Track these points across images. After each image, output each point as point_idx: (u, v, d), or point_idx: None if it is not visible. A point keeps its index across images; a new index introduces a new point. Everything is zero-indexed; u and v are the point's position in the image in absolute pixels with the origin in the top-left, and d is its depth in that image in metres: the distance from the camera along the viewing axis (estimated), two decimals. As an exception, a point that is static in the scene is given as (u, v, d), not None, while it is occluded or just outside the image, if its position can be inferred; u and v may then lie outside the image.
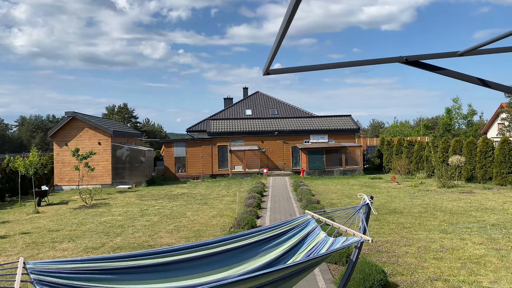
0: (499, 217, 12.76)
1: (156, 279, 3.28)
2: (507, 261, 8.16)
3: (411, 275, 7.45)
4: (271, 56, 2.10)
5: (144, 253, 3.28)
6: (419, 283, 7.00)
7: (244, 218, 12.36)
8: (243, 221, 12.19)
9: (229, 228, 12.23)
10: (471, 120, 42.66)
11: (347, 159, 29.60)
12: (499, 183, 20.79)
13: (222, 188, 23.33)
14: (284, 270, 3.34)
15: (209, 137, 29.71)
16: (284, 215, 14.32)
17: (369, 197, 4.17)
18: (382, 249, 9.36)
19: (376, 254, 9.02)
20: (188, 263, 3.51)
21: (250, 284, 3.19)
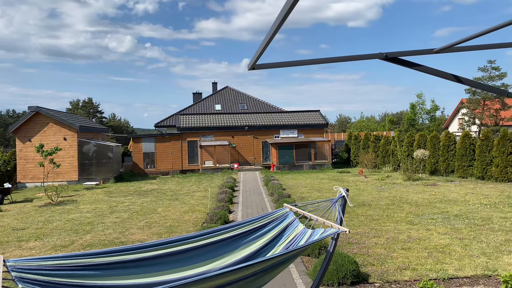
0: (461, 208, 13.35)
1: (139, 274, 3.26)
2: (470, 250, 8.58)
3: (381, 265, 7.71)
4: (259, 51, 2.13)
5: (126, 248, 3.25)
6: (389, 273, 7.25)
7: (216, 213, 12.37)
8: (216, 216, 12.20)
9: (202, 224, 12.20)
10: (434, 115, 44.26)
11: (316, 153, 30.06)
12: (460, 176, 21.72)
13: (193, 183, 23.19)
14: (265, 263, 3.40)
15: (178, 132, 29.40)
16: (256, 209, 14.42)
17: (345, 190, 4.29)
18: (353, 241, 9.62)
19: (347, 245, 9.26)
20: (170, 257, 3.51)
21: (232, 277, 3.23)
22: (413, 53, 2.66)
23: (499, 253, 8.28)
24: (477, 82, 2.65)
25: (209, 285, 3.10)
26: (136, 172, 28.55)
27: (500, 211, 12.70)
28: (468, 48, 2.66)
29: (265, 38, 1.91)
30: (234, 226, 4.09)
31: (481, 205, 13.69)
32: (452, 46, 2.53)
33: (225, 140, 29.70)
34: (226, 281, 3.22)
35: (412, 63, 2.68)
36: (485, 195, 15.78)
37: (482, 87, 2.68)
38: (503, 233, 9.95)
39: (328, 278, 6.60)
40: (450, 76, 2.71)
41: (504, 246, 8.77)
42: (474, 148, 21.32)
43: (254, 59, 2.28)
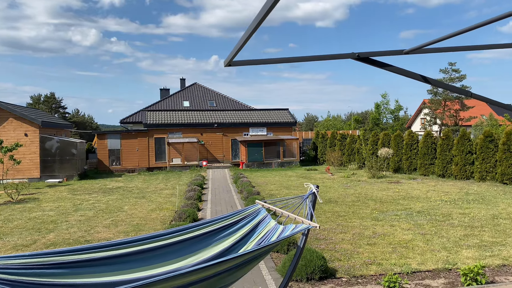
0: (423, 204, 13.86)
1: (108, 272, 3.21)
2: (431, 245, 8.93)
3: (348, 260, 7.90)
4: (237, 49, 2.14)
5: (95, 246, 3.19)
6: (355, 268, 7.44)
7: (185, 211, 12.27)
8: (184, 214, 12.10)
9: (170, 221, 12.07)
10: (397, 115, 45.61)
11: (285, 151, 30.33)
12: (422, 174, 22.52)
13: (160, 181, 22.88)
14: (237, 259, 3.42)
15: (145, 129, 28.88)
16: (225, 207, 14.41)
17: (315, 186, 4.37)
18: (320, 237, 9.80)
19: (315, 241, 9.42)
20: (140, 255, 3.47)
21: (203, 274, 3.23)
22: (384, 53, 2.74)
23: (458, 248, 8.66)
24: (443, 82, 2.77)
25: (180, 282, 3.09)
26: (101, 170, 27.85)
27: (459, 207, 13.27)
28: (436, 50, 2.77)
29: (244, 35, 1.93)
30: (206, 223, 4.09)
31: (441, 202, 14.25)
32: (421, 47, 2.63)
33: (194, 137, 29.45)
34: (197, 278, 3.22)
35: (383, 64, 2.77)
36: (446, 192, 16.44)
37: (447, 87, 2.80)
38: (462, 228, 10.41)
39: (297, 273, 6.70)
40: (418, 77, 2.82)
41: (463, 241, 9.19)
42: (435, 147, 22.14)
43: (231, 56, 2.29)
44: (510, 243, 8.98)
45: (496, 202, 14.14)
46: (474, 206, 13.34)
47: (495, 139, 19.43)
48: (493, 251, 8.38)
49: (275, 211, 4.20)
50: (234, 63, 2.51)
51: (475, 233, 9.92)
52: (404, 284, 6.46)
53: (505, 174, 18.37)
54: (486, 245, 8.80)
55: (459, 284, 6.57)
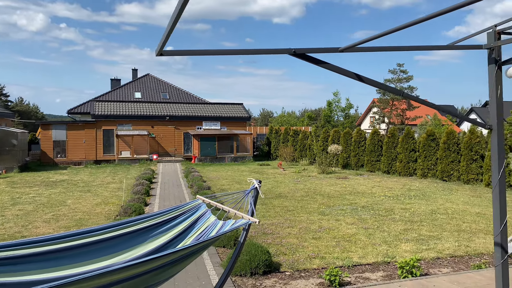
0: (368, 199, 14.36)
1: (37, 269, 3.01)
2: (373, 239, 9.26)
3: (292, 255, 8.01)
4: (165, 37, 2.06)
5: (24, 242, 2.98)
6: (299, 261, 7.56)
7: (131, 205, 11.94)
8: (130, 208, 11.77)
9: (115, 216, 11.70)
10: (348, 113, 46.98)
11: (238, 146, 30.34)
12: (369, 170, 23.35)
13: (108, 174, 22.13)
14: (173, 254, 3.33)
15: (93, 120, 27.80)
16: (174, 201, 14.17)
17: (258, 181, 4.36)
18: (268, 231, 9.87)
19: (262, 236, 9.48)
20: (73, 250, 3.29)
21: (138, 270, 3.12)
22: (320, 50, 2.75)
23: (398, 241, 9.04)
24: (376, 81, 2.83)
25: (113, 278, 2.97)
26: (44, 162, 26.49)
27: (401, 203, 13.88)
28: (370, 49, 2.81)
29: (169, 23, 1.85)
30: (144, 218, 3.96)
31: (385, 197, 14.84)
32: (356, 45, 2.65)
33: (144, 130, 28.73)
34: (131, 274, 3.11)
35: (318, 61, 2.77)
36: (389, 188, 17.14)
37: (381, 86, 2.86)
38: (403, 223, 10.88)
39: (241, 268, 6.70)
40: (353, 75, 2.85)
41: (402, 235, 9.60)
42: (381, 145, 23.02)
43: (161, 45, 2.20)
44: (445, 236, 9.50)
45: (435, 198, 14.92)
46: (415, 202, 14.00)
47: (436, 138, 20.48)
48: (429, 244, 8.82)
49: (216, 206, 4.14)
50: (166, 53, 2.42)
51: (414, 227, 10.40)
52: (344, 277, 6.64)
53: (445, 172, 19.44)
54: (424, 239, 9.25)
55: (396, 276, 6.84)
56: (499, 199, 3.07)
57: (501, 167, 3.01)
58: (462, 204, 13.63)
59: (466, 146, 18.72)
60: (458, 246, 8.69)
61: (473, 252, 8.25)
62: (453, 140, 19.44)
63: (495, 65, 3.15)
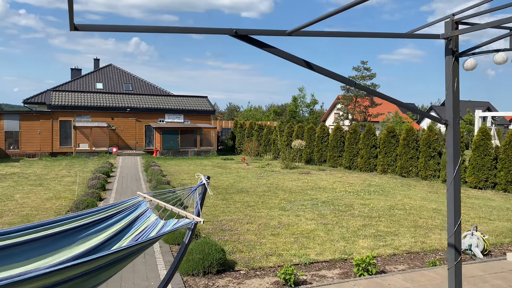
0: (329, 195, 14.36)
1: None
2: (331, 235, 9.17)
3: (249, 252, 7.78)
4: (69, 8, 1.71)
5: None
6: (255, 259, 7.34)
7: (83, 200, 11.35)
8: (83, 203, 11.18)
9: (66, 212, 11.08)
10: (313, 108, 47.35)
11: (202, 140, 29.85)
12: (331, 165, 23.51)
13: (63, 167, 21.14)
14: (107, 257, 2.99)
15: (49, 111, 26.50)
16: (130, 196, 13.62)
17: (206, 177, 4.07)
18: (226, 228, 9.60)
19: (220, 232, 9.20)
20: None
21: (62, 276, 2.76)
22: (265, 32, 2.48)
23: (356, 238, 9.00)
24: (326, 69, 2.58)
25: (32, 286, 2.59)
26: (-6, 153, 25.03)
27: (361, 198, 13.96)
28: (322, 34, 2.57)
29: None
30: (77, 217, 3.58)
31: (346, 193, 14.89)
32: (303, 27, 2.40)
33: (104, 122, 27.69)
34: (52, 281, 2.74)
35: (263, 44, 2.50)
36: (350, 184, 17.26)
37: (331, 75, 2.63)
38: (361, 218, 10.89)
39: (193, 267, 6.39)
40: (301, 62, 2.61)
41: (360, 231, 9.58)
42: (344, 141, 23.22)
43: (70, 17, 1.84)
44: (402, 232, 9.56)
45: (394, 193, 15.12)
46: (374, 197, 14.12)
47: (397, 135, 20.85)
48: (386, 241, 8.83)
49: (158, 204, 3.82)
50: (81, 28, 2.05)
51: (372, 223, 10.42)
52: (300, 275, 6.47)
53: (404, 168, 19.82)
54: (381, 235, 9.26)
55: (353, 274, 6.75)
56: (453, 198, 2.92)
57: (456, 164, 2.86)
58: (419, 200, 13.87)
59: (425, 143, 19.14)
60: (414, 242, 8.74)
61: (429, 248, 8.31)
62: (413, 137, 19.83)
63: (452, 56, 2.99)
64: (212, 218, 10.58)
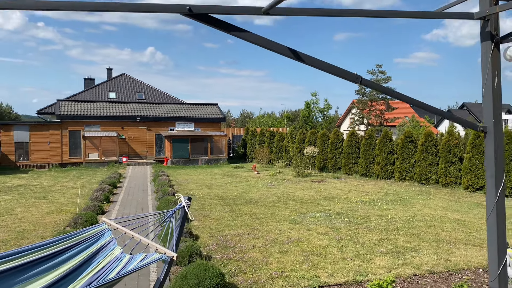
0: (343, 205, 13.53)
1: None
2: (345, 252, 8.38)
3: (253, 273, 7.05)
4: None
5: None
6: (259, 283, 6.62)
7: (83, 214, 10.79)
8: (82, 218, 10.63)
9: (64, 227, 10.54)
10: (327, 113, 46.40)
11: (212, 148, 29.27)
12: (346, 173, 22.61)
13: (71, 178, 20.77)
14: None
15: (58, 121, 26.30)
16: (135, 209, 13.06)
17: (186, 198, 3.39)
18: (230, 244, 8.90)
19: (223, 249, 8.51)
20: None
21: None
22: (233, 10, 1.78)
23: (372, 255, 8.19)
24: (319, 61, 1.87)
25: None
26: (4, 165, 24.86)
27: (378, 208, 13.10)
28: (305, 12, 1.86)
29: None
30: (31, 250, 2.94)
31: (361, 203, 14.04)
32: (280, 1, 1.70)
33: (114, 131, 27.36)
34: None
35: (230, 26, 1.81)
36: (366, 192, 16.38)
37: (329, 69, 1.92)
38: (378, 232, 10.06)
39: (188, 295, 5.70)
40: (286, 50, 1.90)
41: (377, 247, 8.76)
42: (359, 146, 22.32)
43: None
44: (423, 248, 8.71)
45: (413, 203, 14.20)
46: (392, 208, 13.24)
47: (414, 140, 19.88)
48: (406, 258, 8.00)
49: (125, 232, 3.15)
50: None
51: (390, 237, 9.59)
52: (308, 303, 5.73)
53: (423, 174, 18.83)
54: (400, 251, 8.43)
55: (368, 300, 5.97)
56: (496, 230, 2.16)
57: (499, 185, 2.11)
58: (440, 210, 12.94)
59: (445, 148, 18.14)
60: (437, 260, 7.89)
61: (454, 268, 7.45)
62: (431, 142, 18.85)
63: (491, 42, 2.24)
64: (216, 233, 9.90)
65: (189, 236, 9.11)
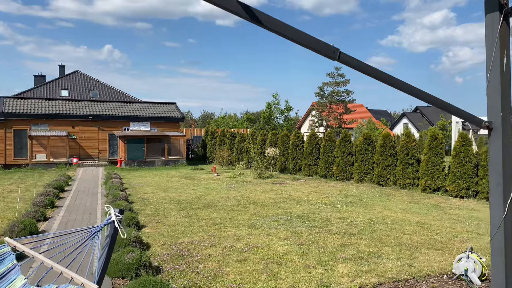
0: (304, 208, 13.15)
1: None
2: (306, 259, 7.93)
3: (208, 287, 6.43)
4: None
5: None
6: (214, 298, 6.01)
7: (20, 222, 9.72)
8: (19, 225, 9.57)
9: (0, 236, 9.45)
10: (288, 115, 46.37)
11: (170, 149, 28.26)
12: (307, 174, 22.39)
13: (14, 181, 19.21)
14: None
15: (2, 119, 24.41)
16: (81, 214, 12.05)
17: (117, 211, 2.73)
18: (184, 253, 8.22)
19: (176, 260, 7.82)
20: None
21: None
22: None
23: (334, 261, 7.79)
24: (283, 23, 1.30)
25: None
26: None
27: (338, 210, 12.82)
28: None
29: None
30: None
31: (322, 205, 13.74)
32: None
33: (63, 131, 25.75)
34: None
35: None
36: (327, 194, 16.13)
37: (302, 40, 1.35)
38: (340, 236, 9.72)
39: (131, 316, 5.01)
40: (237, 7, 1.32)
41: (339, 252, 8.38)
42: (319, 148, 22.17)
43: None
44: (386, 253, 8.42)
45: (373, 204, 14.06)
46: (353, 210, 13.01)
47: (373, 142, 19.94)
48: (369, 264, 7.65)
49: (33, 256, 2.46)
50: None
51: (352, 241, 9.26)
52: (268, 320, 5.19)
53: (381, 176, 18.88)
54: (363, 257, 8.09)
55: (332, 314, 5.51)
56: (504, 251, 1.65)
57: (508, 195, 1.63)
58: (400, 212, 12.85)
59: (403, 150, 18.27)
60: (401, 266, 7.59)
61: (418, 274, 7.17)
62: (390, 143, 18.95)
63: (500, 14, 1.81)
64: (170, 241, 9.18)
65: (139, 245, 8.35)
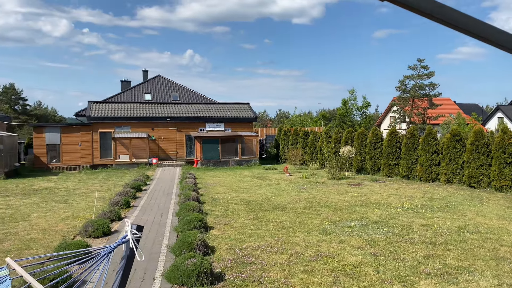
0: (382, 213, 12.07)
1: None
2: (383, 272, 7.04)
3: (269, 300, 5.89)
4: None
5: None
6: (275, 314, 5.44)
7: (94, 222, 10.02)
8: (93, 225, 9.87)
9: (74, 236, 9.83)
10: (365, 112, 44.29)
11: (244, 148, 28.29)
12: (386, 175, 20.90)
13: (99, 181, 20.38)
14: None
15: (89, 122, 26.19)
16: (154, 215, 12.21)
17: (135, 227, 2.28)
18: (249, 260, 7.77)
19: (239, 266, 7.39)
20: None
21: None
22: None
23: (416, 276, 6.81)
24: None
25: None
26: (37, 167, 24.98)
27: (422, 216, 11.55)
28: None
29: None
30: None
31: (403, 209, 12.52)
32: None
33: (144, 132, 26.96)
34: None
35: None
36: (409, 197, 14.76)
37: None
38: (423, 246, 8.61)
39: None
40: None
41: (422, 265, 7.35)
42: (400, 146, 20.57)
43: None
44: (479, 268, 7.21)
45: (462, 210, 12.51)
46: (439, 215, 11.64)
47: (462, 139, 17.96)
48: (458, 282, 6.56)
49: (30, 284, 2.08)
50: None
51: (437, 253, 8.13)
52: None
53: (473, 177, 16.91)
54: (450, 273, 6.99)
55: None
56: None
57: None
58: (496, 219, 11.22)
59: (498, 148, 16.15)
60: (498, 286, 6.40)
61: (523, 298, 5.96)
62: (482, 140, 16.88)
63: None
64: (235, 245, 8.80)
65: (204, 248, 8.08)
